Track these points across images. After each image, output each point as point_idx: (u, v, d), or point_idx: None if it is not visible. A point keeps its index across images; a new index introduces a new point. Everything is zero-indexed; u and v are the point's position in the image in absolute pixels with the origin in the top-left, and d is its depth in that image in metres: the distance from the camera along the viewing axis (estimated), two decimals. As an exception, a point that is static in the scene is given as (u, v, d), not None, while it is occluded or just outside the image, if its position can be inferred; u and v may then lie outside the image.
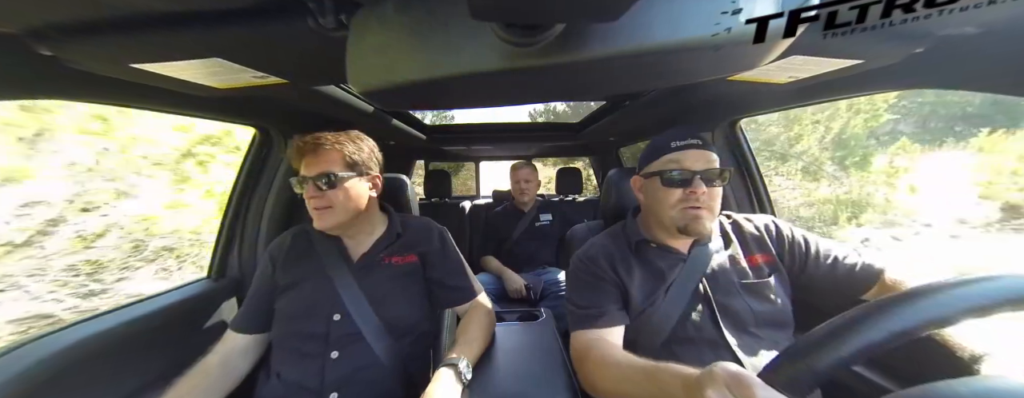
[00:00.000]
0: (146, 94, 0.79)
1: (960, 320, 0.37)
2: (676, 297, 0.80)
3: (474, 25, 0.38)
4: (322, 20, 0.49)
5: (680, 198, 0.78)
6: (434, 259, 0.94)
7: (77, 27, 0.53)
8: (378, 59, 0.43)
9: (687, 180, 0.77)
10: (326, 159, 0.83)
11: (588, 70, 0.41)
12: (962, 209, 4.81)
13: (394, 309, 0.87)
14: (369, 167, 0.89)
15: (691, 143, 0.79)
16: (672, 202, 0.79)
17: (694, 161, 0.77)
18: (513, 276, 1.79)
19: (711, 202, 0.78)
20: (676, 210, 0.79)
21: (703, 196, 0.76)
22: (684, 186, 0.77)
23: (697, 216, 0.77)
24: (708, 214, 0.78)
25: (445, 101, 0.61)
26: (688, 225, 0.78)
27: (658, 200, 0.82)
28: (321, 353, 0.81)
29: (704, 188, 0.76)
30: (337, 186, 0.83)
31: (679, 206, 0.79)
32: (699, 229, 0.78)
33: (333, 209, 0.83)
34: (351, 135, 0.89)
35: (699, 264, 0.82)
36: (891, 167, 5.13)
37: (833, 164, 5.22)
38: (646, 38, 0.37)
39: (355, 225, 0.91)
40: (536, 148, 2.79)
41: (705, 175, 0.77)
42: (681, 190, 0.78)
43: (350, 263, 0.90)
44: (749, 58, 0.44)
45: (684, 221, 0.78)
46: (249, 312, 0.89)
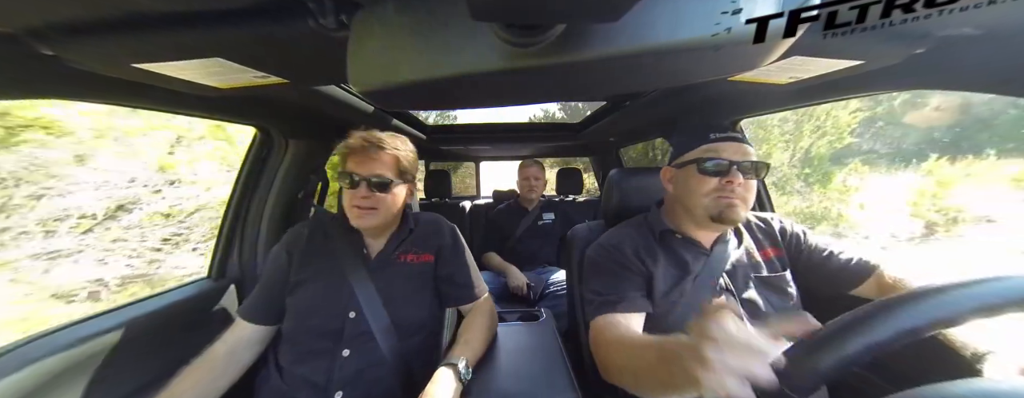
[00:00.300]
0: (147, 94, 0.79)
1: (967, 320, 0.37)
2: (699, 291, 0.81)
3: (474, 25, 0.39)
4: (323, 20, 0.49)
5: (715, 187, 0.78)
6: (446, 255, 0.94)
7: (78, 27, 0.53)
8: (378, 59, 0.43)
9: (724, 170, 0.77)
10: (381, 162, 0.83)
11: (588, 70, 0.41)
12: (896, 225, 5.61)
13: (405, 309, 0.87)
14: (413, 175, 0.90)
15: (731, 135, 0.80)
16: (706, 191, 0.79)
17: (733, 152, 0.78)
18: (516, 272, 1.79)
19: (746, 194, 0.78)
20: (710, 198, 0.79)
21: (739, 187, 0.77)
22: (721, 176, 0.78)
23: (731, 204, 0.77)
24: (742, 205, 0.78)
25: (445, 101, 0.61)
26: (722, 212, 0.78)
27: (690, 189, 0.81)
28: (332, 350, 0.80)
29: (741, 179, 0.77)
30: (388, 191, 0.83)
31: (713, 194, 0.79)
32: (733, 216, 0.78)
33: (377, 211, 0.83)
34: (403, 139, 0.89)
35: (720, 259, 0.84)
36: (844, 186, 5.76)
37: (800, 180, 5.86)
38: (646, 38, 0.37)
39: (385, 227, 0.92)
40: (536, 148, 2.79)
41: (743, 166, 0.77)
42: (718, 179, 0.78)
43: (367, 261, 0.90)
44: (749, 58, 0.44)
45: (718, 209, 0.78)
46: (260, 302, 0.88)
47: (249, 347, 0.85)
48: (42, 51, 0.57)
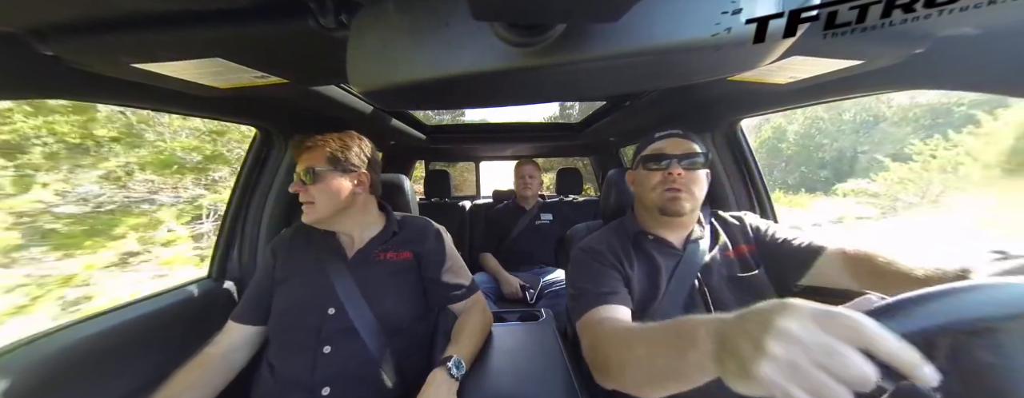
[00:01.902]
0: (148, 94, 0.79)
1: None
2: (675, 293, 0.82)
3: (475, 25, 0.39)
4: (323, 20, 0.49)
5: (660, 180, 0.84)
6: (430, 257, 0.95)
7: (79, 27, 0.53)
8: (379, 59, 0.43)
9: (666, 163, 0.84)
10: (311, 156, 0.87)
11: (589, 70, 0.41)
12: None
13: (388, 304, 0.87)
14: (354, 165, 0.90)
15: (671, 133, 0.87)
16: (652, 184, 0.85)
17: (673, 147, 0.84)
18: (509, 279, 1.79)
19: (690, 185, 0.82)
20: (656, 192, 0.85)
21: (680, 178, 0.82)
22: (663, 168, 0.84)
23: (675, 197, 0.82)
24: (686, 196, 0.82)
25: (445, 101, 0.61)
26: (666, 205, 0.83)
27: (642, 184, 0.89)
28: (313, 347, 0.81)
29: (680, 170, 0.82)
30: (317, 181, 0.85)
31: (659, 188, 0.84)
32: (676, 208, 0.82)
33: (314, 204, 0.86)
34: (341, 135, 0.91)
35: (694, 260, 0.85)
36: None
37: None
38: (646, 38, 0.37)
39: (341, 221, 0.92)
40: (536, 148, 2.79)
41: (681, 158, 0.83)
42: (661, 172, 0.84)
43: (345, 258, 0.91)
44: (749, 58, 0.44)
45: (662, 201, 0.84)
46: (249, 304, 0.90)
47: (240, 349, 0.86)
48: (42, 51, 0.57)
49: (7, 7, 0.49)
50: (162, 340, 0.95)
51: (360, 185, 0.91)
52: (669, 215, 0.84)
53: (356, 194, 0.90)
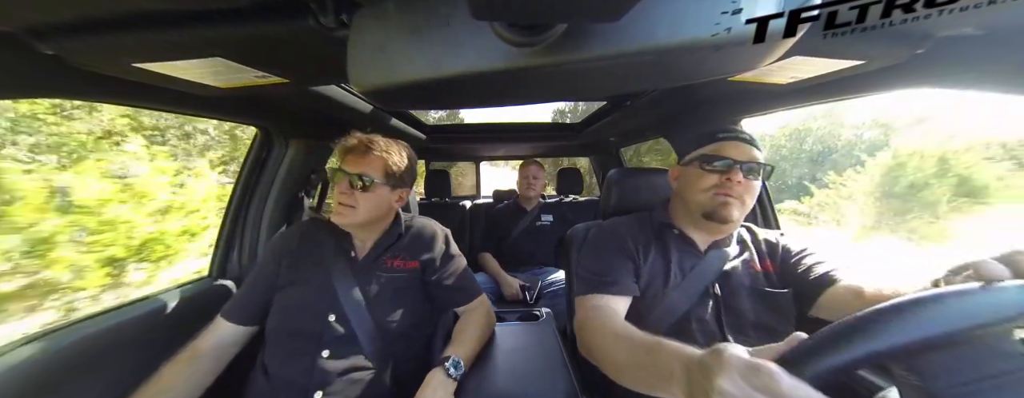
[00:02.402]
0: (148, 93, 0.79)
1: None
2: (686, 292, 0.81)
3: (475, 25, 0.39)
4: (323, 19, 0.49)
5: (715, 183, 0.79)
6: (437, 262, 0.94)
7: (79, 26, 0.53)
8: (379, 58, 0.43)
9: (726, 167, 0.78)
10: (369, 162, 0.85)
11: (589, 70, 0.41)
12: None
13: (390, 313, 0.87)
14: (404, 181, 0.91)
15: (737, 135, 0.80)
16: (705, 186, 0.79)
17: (738, 152, 0.78)
18: (508, 280, 1.79)
19: (745, 194, 0.78)
20: (707, 195, 0.79)
21: (738, 186, 0.77)
22: (722, 173, 0.78)
23: (726, 202, 0.77)
24: (738, 204, 0.78)
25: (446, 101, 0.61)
26: (716, 210, 0.78)
27: (691, 184, 0.82)
28: (311, 352, 0.81)
29: (741, 177, 0.76)
30: (369, 190, 0.84)
31: (711, 191, 0.79)
32: (726, 214, 0.78)
33: (355, 210, 0.85)
34: (400, 146, 0.91)
35: (714, 264, 0.83)
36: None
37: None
38: (647, 38, 0.37)
39: (370, 228, 0.92)
40: (536, 148, 2.79)
41: (745, 166, 0.77)
42: (718, 176, 0.78)
43: (353, 264, 0.90)
44: (749, 58, 0.44)
45: (713, 206, 0.79)
46: (242, 302, 0.89)
47: (228, 346, 0.85)
48: (42, 51, 0.57)
49: (7, 7, 0.49)
50: (162, 340, 0.95)
51: (400, 201, 0.93)
52: (716, 221, 0.80)
53: (392, 208, 0.92)
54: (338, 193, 0.85)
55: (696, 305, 0.80)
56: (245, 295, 0.90)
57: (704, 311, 0.80)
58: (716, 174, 0.79)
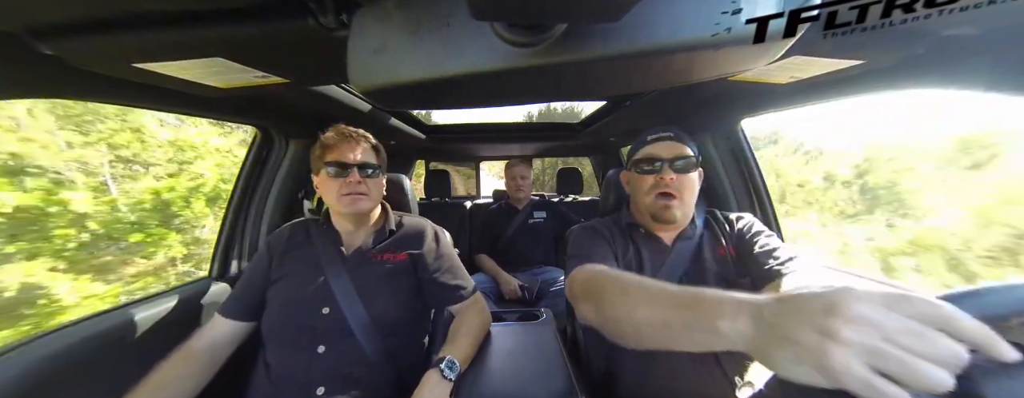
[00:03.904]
0: (148, 94, 0.79)
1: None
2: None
3: (475, 25, 0.39)
4: (323, 19, 0.49)
5: (652, 184, 0.85)
6: (427, 259, 0.95)
7: (79, 26, 0.53)
8: (379, 58, 0.43)
9: (658, 167, 0.84)
10: (365, 151, 0.91)
11: (589, 70, 0.41)
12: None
13: (383, 305, 0.87)
14: (384, 167, 0.97)
15: (663, 135, 0.86)
16: (646, 188, 0.86)
17: (665, 150, 0.84)
18: (507, 278, 1.79)
19: (682, 189, 0.83)
20: (649, 197, 0.86)
21: (672, 182, 0.82)
22: (655, 172, 0.84)
23: (667, 205, 0.83)
24: (677, 203, 0.83)
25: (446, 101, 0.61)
26: (658, 213, 0.85)
27: (635, 188, 0.90)
28: (308, 346, 0.81)
29: (672, 175, 0.82)
30: (375, 177, 0.91)
31: (652, 192, 0.85)
32: (665, 216, 0.84)
33: (368, 196, 0.89)
34: (367, 134, 0.96)
35: (682, 256, 0.87)
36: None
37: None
38: (647, 38, 0.37)
39: (363, 220, 0.95)
40: (536, 148, 2.79)
41: (673, 162, 0.83)
42: (653, 176, 0.85)
43: (344, 257, 0.91)
44: (749, 58, 0.44)
45: (655, 209, 0.85)
46: (238, 299, 0.90)
47: (225, 343, 0.86)
48: (42, 51, 0.57)
49: (7, 7, 0.49)
50: (162, 340, 0.95)
51: (383, 186, 0.97)
52: (662, 222, 0.86)
53: (385, 205, 0.97)
54: (348, 183, 0.87)
55: None
56: (239, 291, 0.91)
57: None
58: (651, 175, 0.85)
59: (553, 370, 0.79)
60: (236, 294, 0.91)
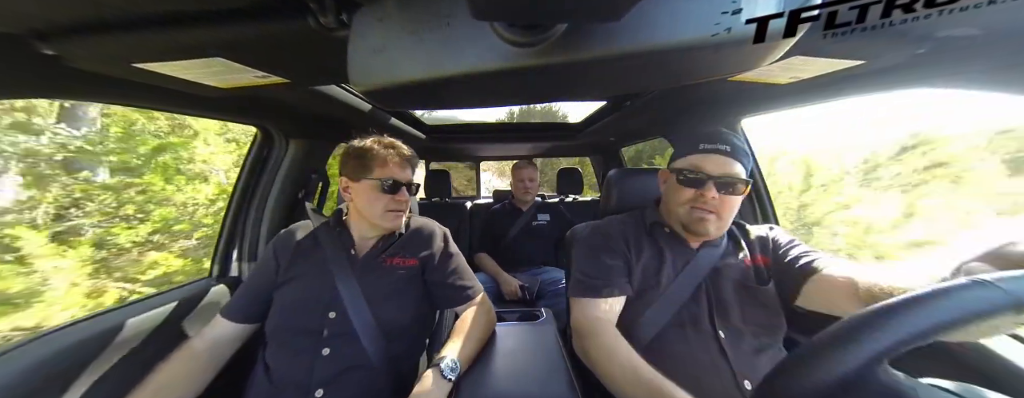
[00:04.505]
0: (148, 94, 0.79)
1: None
2: (678, 290, 0.82)
3: (476, 25, 0.39)
4: (323, 19, 0.49)
5: (690, 198, 0.80)
6: (435, 261, 0.95)
7: (80, 27, 0.53)
8: (379, 58, 0.43)
9: (701, 182, 0.78)
10: (410, 169, 0.94)
11: (589, 70, 0.41)
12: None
13: (390, 311, 0.87)
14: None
15: (718, 148, 0.79)
16: (682, 200, 0.82)
17: (714, 166, 0.78)
18: (508, 278, 1.79)
19: (722, 208, 0.78)
20: (684, 208, 0.82)
21: (713, 200, 0.77)
22: (696, 187, 0.79)
23: (702, 218, 0.79)
24: (715, 219, 0.78)
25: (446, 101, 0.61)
26: (690, 224, 0.81)
27: (670, 194, 0.86)
28: (312, 349, 0.81)
29: (715, 193, 0.76)
30: (414, 194, 0.94)
31: (687, 205, 0.81)
32: (699, 229, 0.80)
33: (406, 212, 0.94)
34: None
35: (705, 261, 0.84)
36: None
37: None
38: (647, 38, 0.37)
39: (379, 227, 0.95)
40: (536, 148, 2.79)
41: (720, 181, 0.77)
42: (693, 190, 0.79)
43: (353, 262, 0.91)
44: (749, 58, 0.44)
45: (688, 220, 0.81)
46: (241, 301, 0.89)
47: (226, 344, 0.86)
48: (42, 51, 0.57)
49: (7, 7, 0.49)
50: (162, 340, 0.95)
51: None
52: (694, 235, 0.84)
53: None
54: (398, 201, 0.90)
55: (689, 301, 0.82)
56: (243, 293, 0.91)
57: (697, 307, 0.81)
58: (691, 188, 0.79)
59: (553, 370, 0.79)
60: (239, 296, 0.91)
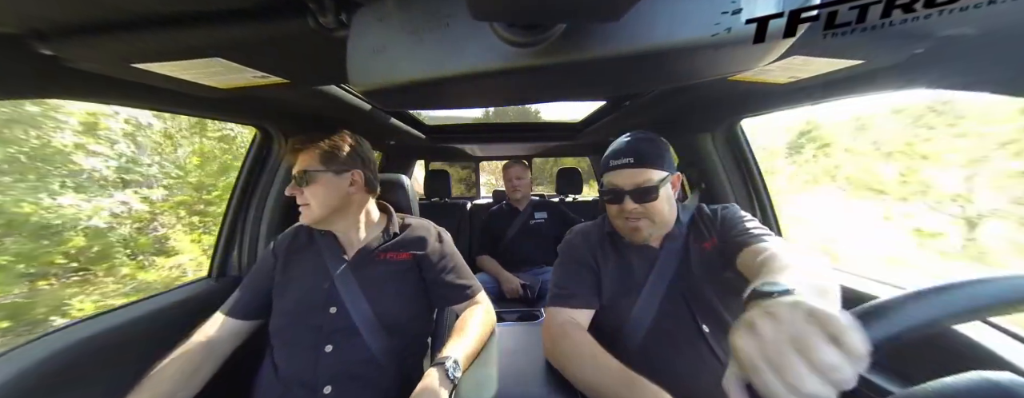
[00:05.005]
0: (147, 94, 0.79)
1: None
2: (654, 290, 0.83)
3: (475, 25, 0.39)
4: (323, 19, 0.49)
5: (616, 213, 0.84)
6: (431, 259, 0.95)
7: (79, 27, 0.53)
8: (378, 59, 0.43)
9: (619, 197, 0.81)
10: (304, 158, 0.87)
11: (589, 70, 0.41)
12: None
13: (388, 304, 0.88)
14: (347, 164, 0.90)
15: (623, 163, 0.81)
16: (613, 215, 0.86)
17: (624, 179, 0.80)
18: (509, 277, 1.80)
19: (647, 214, 0.81)
20: (619, 221, 0.85)
21: (635, 210, 0.80)
22: (617, 202, 0.82)
23: (634, 228, 0.82)
24: (648, 224, 0.81)
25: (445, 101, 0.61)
26: (627, 235, 0.85)
27: (608, 212, 0.88)
28: (315, 346, 0.82)
29: (633, 204, 0.80)
30: (311, 183, 0.86)
31: (619, 219, 0.84)
32: (636, 238, 0.84)
33: (309, 206, 0.86)
34: (335, 135, 0.91)
35: (672, 258, 0.85)
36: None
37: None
38: (647, 38, 0.37)
39: (339, 221, 0.92)
40: (535, 148, 2.79)
41: (634, 193, 0.80)
42: (616, 206, 0.83)
43: (346, 259, 0.91)
44: (749, 58, 0.44)
45: (624, 231, 0.85)
46: (241, 299, 0.90)
47: (225, 341, 0.86)
48: (42, 51, 0.57)
49: (7, 7, 0.49)
50: (162, 340, 0.95)
51: (354, 184, 0.91)
52: (634, 243, 0.86)
53: (351, 193, 0.90)
54: (296, 197, 0.87)
55: (666, 303, 0.82)
56: (243, 291, 0.92)
57: (676, 307, 0.81)
58: (614, 204, 0.83)
59: (553, 370, 0.79)
60: (240, 294, 0.91)
